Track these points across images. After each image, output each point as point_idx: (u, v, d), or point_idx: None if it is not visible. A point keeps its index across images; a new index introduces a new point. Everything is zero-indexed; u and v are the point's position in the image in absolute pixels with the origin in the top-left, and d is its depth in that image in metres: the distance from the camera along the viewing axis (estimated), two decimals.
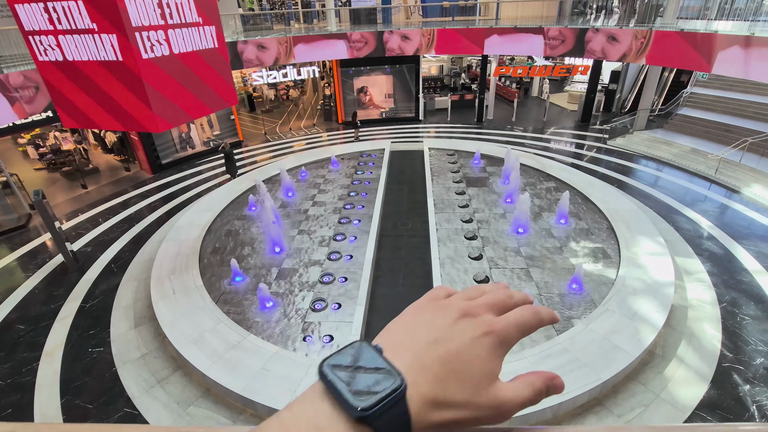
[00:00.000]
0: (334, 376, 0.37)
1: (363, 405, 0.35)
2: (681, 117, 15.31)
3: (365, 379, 0.37)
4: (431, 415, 0.38)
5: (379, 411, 0.35)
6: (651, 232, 7.96)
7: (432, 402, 0.38)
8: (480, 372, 0.41)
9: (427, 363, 0.39)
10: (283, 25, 20.31)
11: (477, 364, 0.41)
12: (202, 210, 9.64)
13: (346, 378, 0.37)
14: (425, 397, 0.38)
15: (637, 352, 5.36)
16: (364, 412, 0.34)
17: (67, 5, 4.69)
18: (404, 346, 0.41)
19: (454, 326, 0.43)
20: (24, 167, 14.95)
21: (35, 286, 8.27)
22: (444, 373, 0.39)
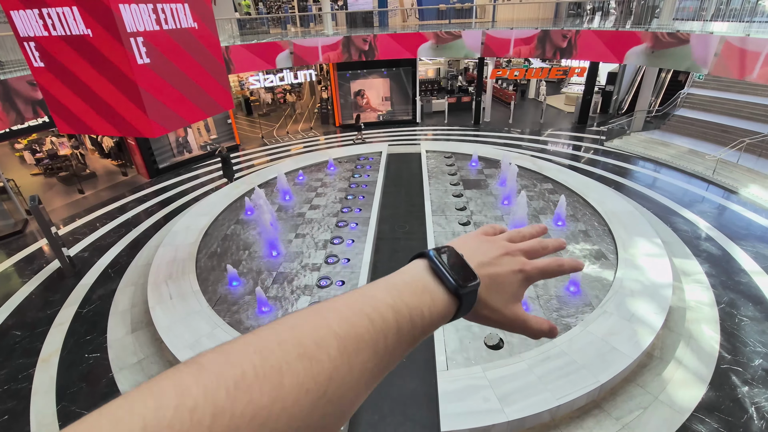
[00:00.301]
0: (438, 261, 0.54)
1: (459, 283, 0.52)
2: (678, 118, 15.36)
3: (455, 268, 0.54)
4: (479, 308, 0.56)
5: (467, 290, 0.53)
6: (648, 233, 7.96)
7: (481, 300, 0.56)
8: (510, 293, 0.59)
9: (483, 275, 0.56)
10: (279, 29, 20.37)
11: (510, 288, 0.59)
12: (198, 214, 9.62)
13: (446, 267, 0.54)
14: (480, 295, 0.56)
15: (635, 354, 5.35)
16: (462, 289, 0.52)
17: (61, 11, 4.69)
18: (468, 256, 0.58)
19: (500, 258, 0.60)
20: (21, 172, 14.92)
21: (31, 291, 8.23)
22: (491, 284, 0.57)
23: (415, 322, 0.47)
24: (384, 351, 0.43)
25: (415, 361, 5.80)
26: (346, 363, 0.39)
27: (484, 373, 5.13)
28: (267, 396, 0.33)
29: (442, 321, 0.52)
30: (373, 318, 0.43)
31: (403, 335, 0.45)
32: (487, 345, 5.72)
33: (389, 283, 0.50)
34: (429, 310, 0.49)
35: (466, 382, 5.04)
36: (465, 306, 0.54)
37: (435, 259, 0.54)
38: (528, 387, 4.94)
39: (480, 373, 5.13)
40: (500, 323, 0.59)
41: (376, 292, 0.48)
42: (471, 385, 4.99)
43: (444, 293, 0.52)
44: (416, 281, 0.52)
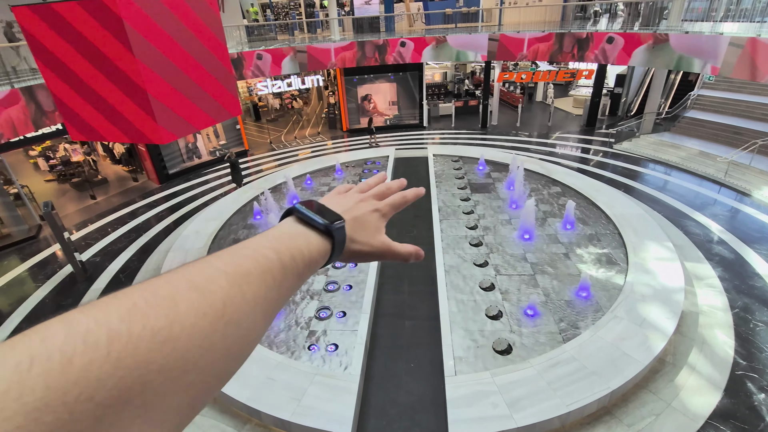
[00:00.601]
0: (305, 210, 0.61)
1: (328, 222, 0.59)
2: (688, 120, 15.17)
3: (320, 213, 0.61)
4: (350, 244, 0.64)
5: (336, 227, 0.60)
6: (659, 236, 7.85)
7: (350, 237, 0.64)
8: (373, 228, 0.69)
9: (347, 219, 0.65)
10: (287, 35, 20.57)
11: (371, 225, 0.69)
12: (208, 219, 9.71)
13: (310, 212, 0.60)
14: (348, 233, 0.63)
15: (646, 360, 5.27)
16: (330, 225, 0.59)
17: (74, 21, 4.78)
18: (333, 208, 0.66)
19: (356, 204, 0.70)
20: (35, 179, 15.21)
21: (45, 296, 8.37)
22: (355, 224, 0.66)
23: (296, 259, 0.52)
24: (273, 283, 0.47)
25: (422, 366, 5.77)
26: (238, 291, 0.41)
27: (492, 378, 5.09)
28: (163, 318, 0.34)
29: (321, 257, 0.58)
30: (256, 258, 0.47)
31: (287, 270, 0.50)
32: (495, 350, 5.67)
33: (265, 235, 0.55)
34: (307, 248, 0.55)
35: (474, 387, 5.00)
36: (338, 242, 0.60)
37: (302, 210, 0.61)
38: (537, 393, 4.89)
39: (488, 378, 5.09)
40: (373, 254, 0.68)
41: (254, 241, 0.52)
42: (479, 390, 4.96)
43: (316, 235, 0.58)
44: (290, 230, 0.58)
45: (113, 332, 0.30)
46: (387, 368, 5.80)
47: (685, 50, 11.51)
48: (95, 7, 4.53)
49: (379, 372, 5.74)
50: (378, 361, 5.91)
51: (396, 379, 5.63)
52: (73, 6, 4.51)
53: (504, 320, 6.22)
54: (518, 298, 6.66)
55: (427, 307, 6.77)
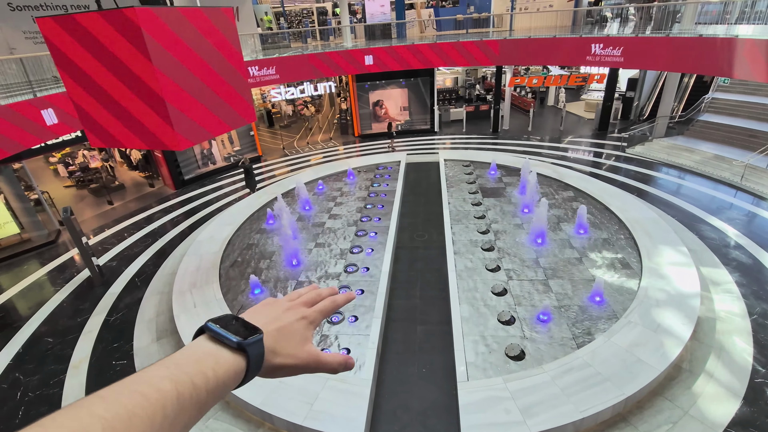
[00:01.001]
0: (217, 327, 0.58)
1: (241, 338, 0.56)
2: (702, 123, 14.95)
3: (235, 329, 0.58)
4: (272, 358, 0.61)
5: (250, 342, 0.57)
6: (674, 241, 7.75)
7: (272, 350, 0.61)
8: (299, 337, 0.67)
9: (269, 331, 0.63)
10: (300, 43, 20.86)
11: (297, 334, 0.67)
12: (222, 224, 9.86)
13: (223, 328, 0.58)
14: (268, 346, 0.61)
15: (662, 366, 5.19)
16: (243, 342, 0.56)
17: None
18: (255, 321, 0.64)
19: (284, 314, 0.68)
20: (54, 185, 15.62)
21: (63, 299, 8.57)
22: (278, 336, 0.64)
23: (198, 386, 0.48)
24: (163, 421, 0.42)
25: (434, 371, 5.77)
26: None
27: (505, 384, 5.06)
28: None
29: (233, 378, 0.54)
30: (146, 392, 0.42)
31: (185, 401, 0.45)
32: (508, 356, 5.65)
33: (166, 360, 0.51)
34: (213, 371, 0.51)
35: (486, 393, 4.98)
36: (254, 359, 0.57)
37: (212, 327, 0.57)
38: (551, 399, 4.85)
39: (501, 384, 5.07)
40: (298, 366, 0.65)
41: (150, 370, 0.48)
42: (492, 396, 4.94)
43: (228, 352, 0.55)
44: (196, 350, 0.54)
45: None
46: (399, 373, 5.81)
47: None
48: (116, 18, 4.68)
49: (391, 377, 5.75)
50: (390, 366, 5.92)
51: (408, 384, 5.63)
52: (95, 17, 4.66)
53: (516, 325, 6.19)
54: (531, 303, 6.62)
55: (439, 312, 6.77)
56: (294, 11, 30.83)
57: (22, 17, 12.93)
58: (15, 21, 12.87)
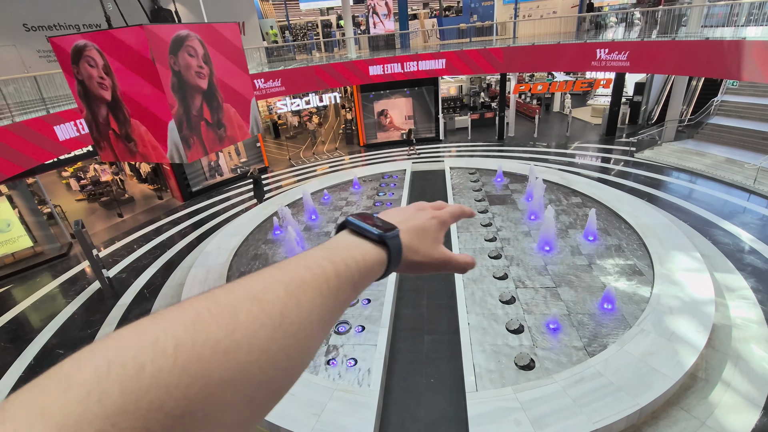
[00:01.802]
0: (358, 221, 0.60)
1: (381, 232, 0.58)
2: (712, 126, 14.77)
3: (377, 224, 0.61)
4: (408, 254, 0.63)
5: (390, 236, 0.59)
6: (686, 246, 7.61)
7: (408, 246, 0.63)
8: (432, 237, 0.68)
9: (404, 228, 0.64)
10: (305, 55, 21.15)
11: (429, 234, 0.68)
12: (229, 235, 9.93)
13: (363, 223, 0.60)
14: (405, 243, 0.62)
15: (677, 376, 5.06)
16: (383, 235, 0.58)
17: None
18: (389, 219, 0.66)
19: (415, 214, 0.70)
20: (67, 198, 15.90)
21: (74, 311, 8.66)
22: (413, 234, 0.65)
23: (351, 267, 0.51)
24: (328, 292, 0.46)
25: (443, 382, 5.69)
26: (294, 300, 0.42)
27: (515, 394, 4.97)
28: (224, 329, 0.34)
29: (378, 266, 0.57)
30: (311, 267, 0.47)
31: (343, 279, 0.49)
32: (517, 365, 5.55)
33: (320, 246, 0.55)
34: (362, 256, 0.54)
35: (496, 404, 4.89)
36: (393, 251, 0.59)
37: (353, 221, 0.61)
38: (562, 410, 4.74)
39: (511, 394, 4.98)
40: (432, 264, 0.67)
41: (310, 253, 0.52)
42: (502, 407, 4.84)
43: (371, 245, 0.58)
44: (345, 240, 0.58)
45: (179, 341, 0.31)
46: (406, 383, 5.74)
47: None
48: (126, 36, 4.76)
49: (398, 387, 5.68)
50: (397, 376, 5.85)
51: (416, 394, 5.56)
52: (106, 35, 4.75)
53: (525, 334, 6.09)
54: (540, 312, 6.52)
55: (447, 321, 6.70)
56: (299, 24, 31.34)
57: (36, 37, 13.33)
58: (30, 41, 13.27)
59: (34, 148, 8.76)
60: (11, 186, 11.02)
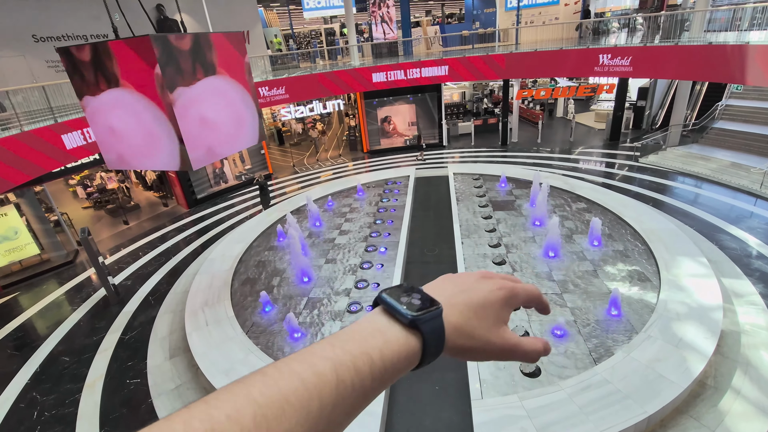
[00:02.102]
0: (390, 298, 0.50)
1: (414, 313, 0.48)
2: (717, 130, 14.71)
3: (413, 302, 0.50)
4: (456, 338, 0.51)
5: (426, 318, 0.48)
6: (692, 252, 7.54)
7: (458, 329, 0.51)
8: (494, 316, 0.54)
9: (455, 303, 0.52)
10: (309, 63, 21.33)
11: (492, 310, 0.54)
12: (233, 242, 9.96)
13: (398, 300, 0.50)
14: (454, 324, 0.50)
15: (685, 383, 4.99)
16: (416, 317, 0.47)
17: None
18: (438, 293, 0.54)
19: (476, 283, 0.56)
20: (73, 206, 16.04)
21: (80, 318, 8.70)
22: (468, 312, 0.52)
23: (361, 371, 0.42)
24: (320, 411, 0.38)
25: (448, 389, 5.65)
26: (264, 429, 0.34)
27: (521, 402, 4.92)
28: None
29: (404, 363, 0.46)
30: (304, 377, 0.39)
31: (345, 389, 0.40)
32: (523, 372, 5.51)
33: (336, 335, 0.46)
34: (380, 352, 0.44)
35: (502, 411, 4.85)
36: (430, 338, 0.48)
37: (385, 298, 0.50)
38: (569, 417, 4.69)
39: (517, 402, 4.93)
40: (488, 351, 0.53)
41: (317, 346, 0.43)
42: (507, 415, 4.80)
43: (400, 330, 0.47)
44: (368, 326, 0.47)
45: None
46: (411, 391, 5.70)
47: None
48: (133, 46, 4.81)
49: (403, 395, 5.65)
50: (402, 384, 5.82)
51: (421, 402, 5.52)
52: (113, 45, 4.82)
53: None
54: (545, 318, 6.48)
55: None
56: (303, 33, 31.64)
57: (45, 48, 13.54)
58: (38, 51, 13.47)
59: (41, 156, 8.87)
60: (19, 194, 11.14)
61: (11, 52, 13.02)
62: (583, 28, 17.72)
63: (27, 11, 12.96)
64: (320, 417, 0.38)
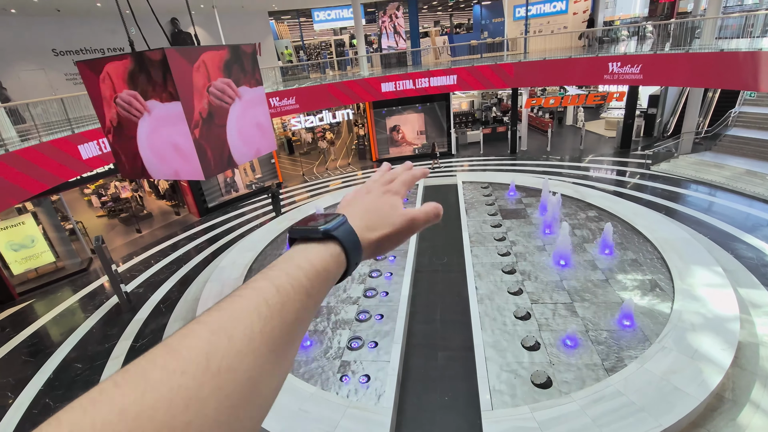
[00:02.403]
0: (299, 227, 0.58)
1: (323, 226, 0.56)
2: (731, 138, 14.50)
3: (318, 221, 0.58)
4: (369, 234, 0.60)
5: (334, 225, 0.56)
6: (707, 261, 7.40)
7: (365, 227, 0.61)
8: (388, 207, 0.66)
9: (354, 212, 0.63)
10: (319, 74, 21.62)
11: (385, 205, 0.66)
12: (243, 250, 10.05)
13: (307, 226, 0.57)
14: (359, 225, 0.60)
15: (702, 396, 4.87)
16: (326, 228, 0.55)
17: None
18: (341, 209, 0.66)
19: (364, 195, 0.69)
20: (88, 215, 16.35)
21: (93, 326, 8.82)
22: (366, 213, 0.64)
23: (295, 276, 0.48)
24: (269, 311, 0.42)
25: (457, 400, 5.59)
26: (223, 336, 0.38)
27: (532, 414, 4.85)
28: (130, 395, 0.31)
29: (333, 265, 0.53)
30: (244, 294, 0.44)
31: (287, 291, 0.45)
32: (534, 383, 5.43)
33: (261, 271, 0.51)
34: (306, 260, 0.51)
35: (512, 423, 4.78)
36: (347, 241, 0.56)
37: (296, 229, 0.58)
38: (581, 430, 4.60)
39: (528, 413, 4.85)
40: (399, 232, 0.64)
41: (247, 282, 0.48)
42: (518, 426, 4.72)
43: (317, 245, 0.54)
44: (288, 254, 0.54)
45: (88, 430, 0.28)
46: (420, 401, 5.65)
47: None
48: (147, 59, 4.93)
49: (412, 405, 5.60)
50: (411, 394, 5.77)
51: (430, 413, 5.46)
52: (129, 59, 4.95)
53: (542, 351, 5.96)
54: (556, 328, 6.39)
55: (461, 337, 6.61)
56: (313, 44, 32.13)
57: (64, 61, 13.97)
58: (58, 65, 13.90)
59: (59, 166, 9.09)
60: (36, 203, 11.41)
61: (32, 66, 13.46)
62: (584, 38, 17.72)
63: (48, 27, 13.41)
64: (272, 316, 0.42)
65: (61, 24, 13.60)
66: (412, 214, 0.67)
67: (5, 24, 12.54)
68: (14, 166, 8.10)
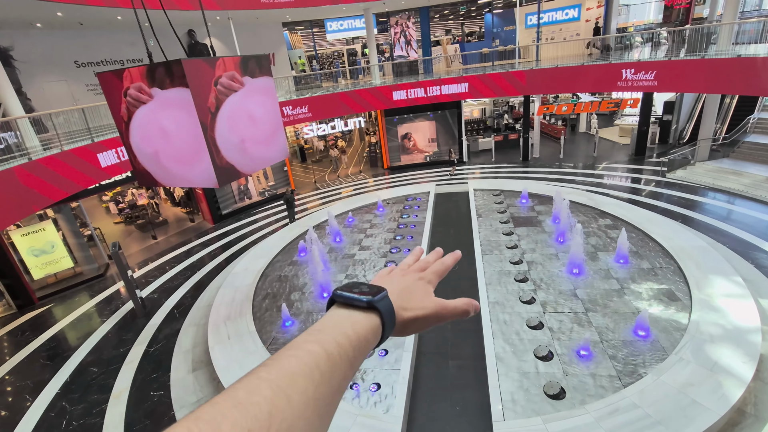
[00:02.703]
0: (345, 293, 0.61)
1: (370, 297, 0.60)
2: (749, 144, 14.19)
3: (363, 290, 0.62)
4: (401, 312, 0.65)
5: (379, 299, 0.60)
6: (726, 270, 7.22)
7: (400, 306, 0.65)
8: (422, 293, 0.71)
9: (392, 290, 0.66)
10: (331, 83, 21.88)
11: (418, 290, 0.71)
12: (256, 257, 10.15)
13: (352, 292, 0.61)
14: (395, 303, 0.64)
15: (722, 410, 4.72)
16: (372, 300, 0.60)
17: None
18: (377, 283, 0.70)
19: (399, 279, 0.74)
20: (106, 221, 16.73)
21: (108, 330, 8.98)
22: (402, 294, 0.68)
23: (342, 344, 0.51)
24: (321, 378, 0.46)
25: (468, 410, 5.53)
26: (283, 397, 0.41)
27: (545, 425, 4.76)
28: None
29: (372, 334, 0.57)
30: (299, 355, 0.47)
31: (335, 358, 0.49)
32: (546, 394, 5.34)
33: (309, 330, 0.55)
34: (352, 329, 0.55)
35: None
36: (386, 314, 0.60)
37: (341, 293, 0.61)
38: None
39: (540, 424, 4.78)
40: (429, 316, 0.68)
41: (297, 339, 0.52)
42: None
43: (361, 314, 0.58)
44: (333, 317, 0.58)
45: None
46: (431, 411, 5.60)
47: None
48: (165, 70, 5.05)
49: (422, 414, 5.55)
50: (421, 403, 5.73)
51: (440, 422, 5.41)
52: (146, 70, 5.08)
53: (555, 361, 5.87)
54: (570, 338, 6.29)
55: (472, 346, 6.55)
56: (326, 54, 32.58)
57: (85, 72, 14.42)
58: (79, 76, 14.36)
59: (79, 174, 9.35)
60: (56, 210, 11.72)
61: (55, 77, 13.92)
62: (591, 46, 17.61)
63: (70, 40, 13.88)
64: (322, 383, 0.46)
65: (83, 37, 14.07)
66: (444, 303, 0.71)
67: (31, 37, 13.03)
68: (37, 175, 8.36)
